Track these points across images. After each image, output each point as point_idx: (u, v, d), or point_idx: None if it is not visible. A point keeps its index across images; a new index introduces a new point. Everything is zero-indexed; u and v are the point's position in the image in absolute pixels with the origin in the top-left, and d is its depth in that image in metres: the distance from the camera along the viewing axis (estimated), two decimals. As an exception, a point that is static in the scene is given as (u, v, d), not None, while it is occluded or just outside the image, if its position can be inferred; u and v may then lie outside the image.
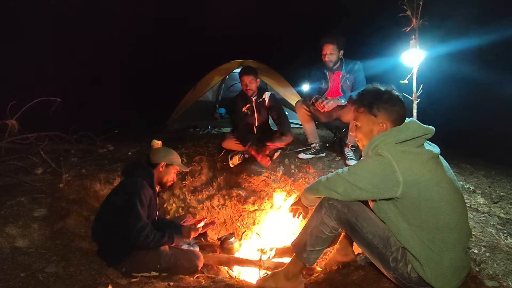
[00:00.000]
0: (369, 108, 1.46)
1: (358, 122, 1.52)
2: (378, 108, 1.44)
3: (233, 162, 3.22)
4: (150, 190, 2.04)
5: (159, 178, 2.21)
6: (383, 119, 1.44)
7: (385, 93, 1.46)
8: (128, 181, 2.05)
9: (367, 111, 1.47)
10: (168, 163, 2.21)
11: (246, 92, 3.26)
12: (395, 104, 1.44)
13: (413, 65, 2.41)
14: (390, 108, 1.43)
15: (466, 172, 3.14)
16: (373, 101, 1.45)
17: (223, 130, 4.96)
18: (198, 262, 2.07)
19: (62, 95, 2.95)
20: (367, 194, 1.39)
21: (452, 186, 1.37)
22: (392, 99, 1.44)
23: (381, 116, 1.44)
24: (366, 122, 1.48)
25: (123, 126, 4.52)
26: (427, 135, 1.40)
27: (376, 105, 1.44)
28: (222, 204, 3.05)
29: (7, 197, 2.26)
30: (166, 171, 2.21)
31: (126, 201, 1.89)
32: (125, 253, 1.86)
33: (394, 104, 1.44)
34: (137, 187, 1.94)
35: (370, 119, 1.46)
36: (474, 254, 1.68)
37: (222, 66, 5.08)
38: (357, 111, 1.51)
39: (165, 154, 2.22)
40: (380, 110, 1.44)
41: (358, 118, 1.52)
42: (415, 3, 2.34)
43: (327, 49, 3.04)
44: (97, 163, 3.20)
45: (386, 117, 1.44)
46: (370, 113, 1.46)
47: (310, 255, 1.56)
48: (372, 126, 1.46)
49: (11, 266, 1.66)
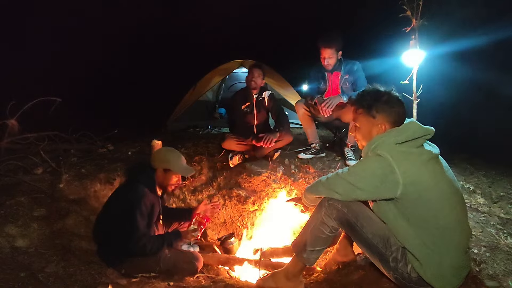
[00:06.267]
0: (368, 110, 1.46)
1: (357, 123, 1.53)
2: (377, 110, 1.44)
3: (233, 162, 3.22)
4: (152, 196, 2.01)
5: (160, 183, 2.10)
6: (381, 121, 1.44)
7: (384, 94, 1.46)
8: (130, 188, 2.00)
9: (366, 112, 1.47)
10: (166, 168, 2.07)
11: (250, 84, 3.27)
12: (394, 106, 1.43)
13: (413, 65, 2.41)
14: (389, 109, 1.43)
15: (466, 172, 3.14)
16: (372, 103, 1.45)
17: (223, 130, 4.96)
18: (198, 263, 2.06)
19: (62, 95, 2.95)
20: (366, 195, 1.39)
21: (452, 186, 1.37)
22: (391, 101, 1.44)
23: (379, 118, 1.44)
24: (365, 123, 1.48)
25: (123, 126, 4.52)
26: (426, 136, 1.40)
27: (375, 106, 1.44)
28: (222, 204, 3.04)
29: (7, 197, 2.26)
30: (165, 176, 2.08)
31: (125, 211, 1.87)
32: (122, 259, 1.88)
33: (393, 105, 1.43)
34: (137, 197, 1.90)
35: (369, 120, 1.46)
36: (474, 254, 1.68)
37: (222, 66, 5.08)
38: (356, 112, 1.52)
39: (163, 158, 2.08)
40: (379, 112, 1.44)
41: (357, 119, 1.52)
42: (415, 3, 2.34)
43: (325, 53, 2.98)
44: (97, 163, 3.19)
45: (385, 119, 1.43)
46: (369, 114, 1.46)
47: (310, 255, 1.56)
48: (371, 127, 1.46)
49: (11, 266, 1.66)
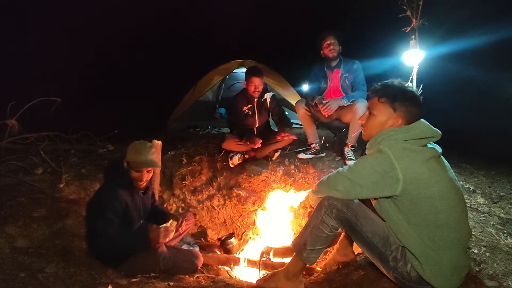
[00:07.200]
0: (392, 100, 1.45)
1: (375, 111, 1.50)
2: (400, 103, 1.44)
3: (233, 162, 3.22)
4: (127, 193, 1.97)
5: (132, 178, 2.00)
6: (400, 115, 1.43)
7: (409, 91, 1.46)
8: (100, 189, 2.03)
9: (389, 102, 1.45)
10: (126, 161, 1.97)
11: (253, 93, 3.20)
12: (416, 105, 1.44)
13: (413, 65, 2.42)
14: (410, 107, 1.43)
15: (466, 172, 3.14)
16: (398, 95, 1.45)
17: (223, 130, 4.96)
18: (198, 262, 2.06)
19: (62, 95, 2.95)
20: (367, 191, 1.39)
21: (453, 185, 1.37)
22: (414, 99, 1.44)
23: (399, 111, 1.44)
24: (384, 113, 1.46)
25: (123, 126, 4.51)
26: (433, 138, 1.40)
27: (399, 100, 1.44)
28: (222, 204, 3.05)
29: (7, 197, 2.26)
30: (128, 170, 1.99)
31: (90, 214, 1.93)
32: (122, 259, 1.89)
33: (414, 104, 1.44)
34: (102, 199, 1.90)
35: (388, 111, 1.45)
36: (474, 254, 1.68)
37: (222, 66, 5.08)
38: (379, 100, 1.48)
39: (128, 152, 1.98)
40: (401, 106, 1.43)
41: (377, 107, 1.49)
42: (415, 3, 2.35)
43: (330, 39, 3.09)
44: (97, 163, 3.20)
45: (403, 114, 1.43)
46: (390, 105, 1.45)
47: (310, 255, 1.56)
48: (388, 119, 1.46)
49: (11, 266, 1.66)
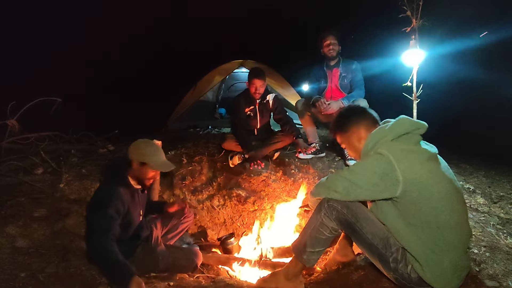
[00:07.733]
0: (340, 129, 1.64)
1: (343, 144, 1.69)
2: (346, 124, 1.61)
3: (233, 162, 3.22)
4: (127, 194, 1.91)
5: (136, 176, 1.98)
6: (354, 129, 1.59)
7: (344, 110, 1.68)
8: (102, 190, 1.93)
9: (341, 132, 1.64)
10: (142, 162, 1.93)
11: (254, 95, 3.20)
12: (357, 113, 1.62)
13: (413, 65, 2.42)
14: (355, 119, 1.60)
15: (466, 172, 3.14)
16: (340, 122, 1.64)
17: (223, 130, 4.95)
18: (197, 260, 2.06)
19: (63, 95, 2.95)
20: (366, 193, 1.39)
21: (452, 185, 1.37)
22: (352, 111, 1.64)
23: (352, 128, 1.59)
24: (347, 140, 1.63)
25: (123, 126, 4.51)
26: (419, 130, 1.43)
27: (343, 124, 1.63)
28: (222, 204, 3.04)
29: (7, 197, 2.26)
30: (140, 170, 1.94)
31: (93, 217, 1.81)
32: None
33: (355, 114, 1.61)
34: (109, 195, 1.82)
35: (346, 136, 1.62)
36: (474, 254, 1.69)
37: (222, 66, 5.08)
38: (337, 136, 1.68)
39: (140, 151, 1.95)
40: (348, 125, 1.60)
41: (341, 141, 1.69)
42: (415, 3, 2.35)
43: (330, 39, 3.11)
44: (97, 163, 3.19)
45: (356, 126, 1.58)
46: (343, 132, 1.63)
47: (310, 256, 1.56)
48: (352, 140, 1.60)
49: (11, 266, 1.66)
